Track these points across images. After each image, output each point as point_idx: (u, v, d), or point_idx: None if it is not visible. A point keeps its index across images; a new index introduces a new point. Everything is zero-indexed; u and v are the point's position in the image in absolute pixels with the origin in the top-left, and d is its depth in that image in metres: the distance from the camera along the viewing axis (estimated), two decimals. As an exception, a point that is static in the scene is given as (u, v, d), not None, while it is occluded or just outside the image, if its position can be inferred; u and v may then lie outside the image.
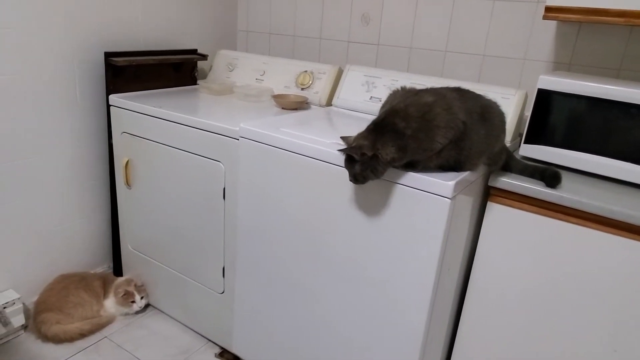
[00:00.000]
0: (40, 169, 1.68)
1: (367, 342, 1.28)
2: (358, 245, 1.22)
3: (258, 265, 1.46)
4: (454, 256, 1.22)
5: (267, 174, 1.35)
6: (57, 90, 1.66)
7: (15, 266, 1.70)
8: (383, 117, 1.03)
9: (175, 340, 1.75)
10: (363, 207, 1.18)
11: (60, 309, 1.71)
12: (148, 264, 1.83)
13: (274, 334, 1.49)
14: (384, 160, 1.00)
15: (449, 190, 1.04)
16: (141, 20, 1.85)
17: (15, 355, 1.60)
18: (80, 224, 1.88)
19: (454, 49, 1.73)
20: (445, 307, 1.29)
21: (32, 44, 1.55)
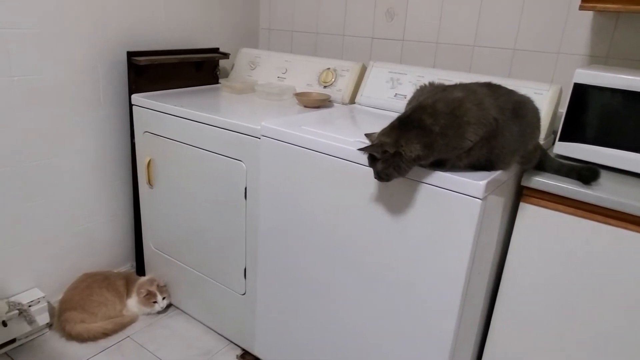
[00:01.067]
0: (64, 169, 1.70)
1: (394, 348, 1.24)
2: (384, 247, 1.18)
3: (280, 267, 1.43)
4: (485, 259, 1.16)
5: (289, 173, 1.31)
6: (81, 90, 1.67)
7: (40, 265, 1.72)
8: (409, 113, 0.98)
9: (197, 341, 1.73)
10: (389, 208, 1.14)
11: (83, 308, 1.71)
12: (170, 264, 1.82)
13: (297, 337, 1.46)
14: (408, 157, 0.95)
15: (480, 191, 0.99)
16: (164, 19, 1.85)
17: (40, 353, 1.61)
18: (104, 223, 1.89)
19: (482, 43, 1.67)
20: (475, 312, 1.24)
21: (56, 44, 1.56)
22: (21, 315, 1.59)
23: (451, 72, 1.56)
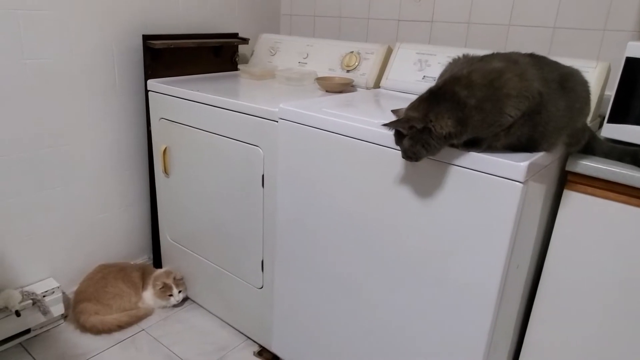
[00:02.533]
0: (78, 157, 1.65)
1: (422, 347, 1.14)
2: (412, 238, 1.07)
3: (299, 259, 1.35)
4: (524, 252, 1.05)
5: (308, 159, 1.23)
6: (96, 75, 1.62)
7: (55, 255, 1.68)
8: (440, 84, 0.88)
9: (213, 336, 1.67)
10: (417, 194, 1.04)
11: (98, 299, 1.67)
12: (187, 256, 1.76)
13: (316, 333, 1.37)
14: (438, 134, 0.85)
15: (522, 173, 0.88)
16: (181, 2, 1.79)
17: (54, 344, 1.57)
18: (120, 213, 1.84)
19: (518, 22, 1.54)
20: (513, 308, 1.12)
21: (70, 26, 1.52)
22: (35, 305, 1.55)
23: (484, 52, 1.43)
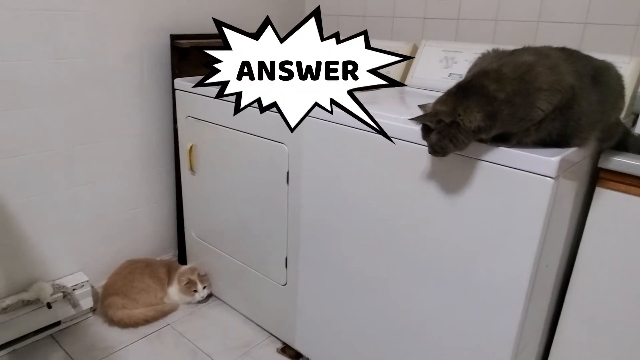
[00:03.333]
0: (108, 154, 1.69)
1: (446, 347, 1.12)
2: (438, 235, 1.06)
3: (323, 256, 1.35)
4: (554, 250, 1.02)
5: (333, 155, 1.23)
6: (125, 74, 1.66)
7: (85, 249, 1.72)
8: (469, 78, 0.87)
9: (237, 332, 1.68)
10: (444, 191, 1.03)
11: (125, 293, 1.70)
12: (211, 253, 1.78)
13: (340, 331, 1.37)
14: (467, 128, 0.84)
15: (553, 168, 0.86)
16: (207, 3, 1.81)
17: (83, 337, 1.61)
18: (148, 210, 1.88)
19: (548, 19, 1.51)
20: (541, 308, 1.10)
21: (102, 26, 1.56)
22: (65, 298, 1.60)
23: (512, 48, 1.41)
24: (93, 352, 1.54)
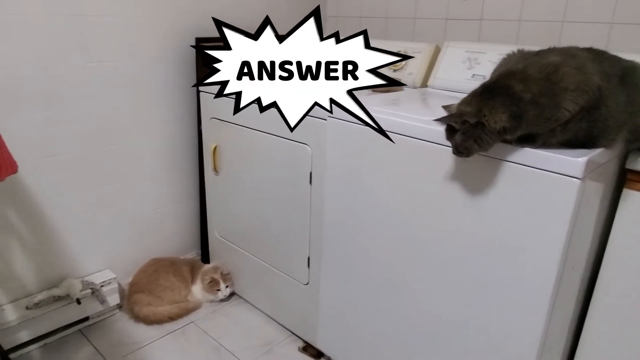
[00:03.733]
0: (135, 155, 1.74)
1: (468, 350, 1.12)
2: (462, 236, 1.06)
3: (345, 256, 1.36)
4: (580, 252, 1.02)
5: (356, 156, 1.24)
6: (152, 76, 1.70)
7: (112, 248, 1.77)
8: (495, 79, 0.87)
9: (259, 330, 1.70)
10: (468, 192, 1.03)
11: (151, 291, 1.74)
12: (234, 252, 1.81)
13: (361, 331, 1.38)
14: (492, 129, 0.84)
15: (580, 169, 0.85)
16: (232, 7, 1.85)
17: (110, 332, 1.66)
18: (172, 210, 1.92)
19: (573, 18, 1.50)
20: (567, 310, 1.09)
21: (129, 31, 1.60)
22: (94, 294, 1.64)
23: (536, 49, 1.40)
24: (120, 347, 1.58)
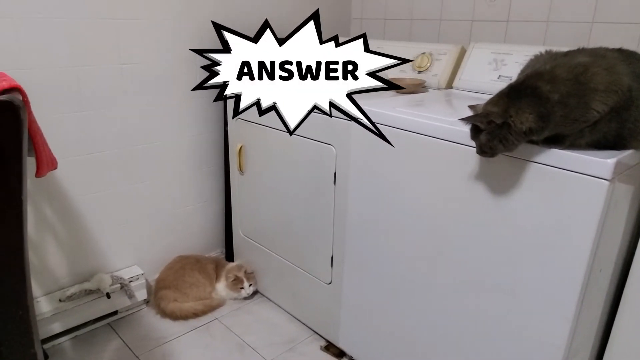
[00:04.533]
0: (163, 154, 1.78)
1: (493, 350, 1.11)
2: (488, 237, 1.06)
3: (368, 256, 1.37)
4: (608, 255, 1.00)
5: (380, 156, 1.25)
6: (181, 78, 1.74)
7: (140, 245, 1.82)
8: (522, 79, 0.87)
9: (282, 328, 1.72)
10: (493, 193, 1.03)
11: (177, 287, 1.78)
12: (258, 251, 1.84)
13: (384, 331, 1.39)
14: (518, 129, 0.84)
15: (608, 170, 0.85)
16: (257, 9, 1.88)
17: (137, 327, 1.70)
18: (198, 208, 1.96)
19: (602, 19, 1.47)
20: (595, 314, 1.07)
21: (156, 32, 1.65)
22: (122, 289, 1.69)
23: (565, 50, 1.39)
24: (147, 341, 1.63)
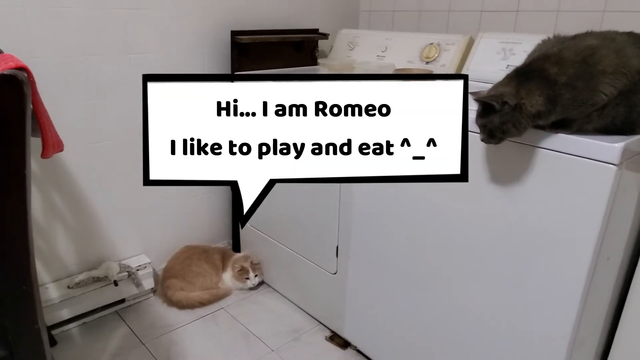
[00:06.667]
0: (172, 144, 1.79)
1: (499, 339, 1.10)
2: (493, 224, 1.05)
3: (374, 246, 1.36)
4: (616, 242, 0.99)
5: (386, 144, 1.24)
6: (189, 68, 1.75)
7: (148, 234, 1.84)
8: (529, 62, 0.86)
9: (287, 318, 1.73)
10: (497, 180, 1.02)
11: (184, 276, 1.80)
12: (264, 241, 1.84)
13: (389, 322, 1.38)
14: (529, 112, 0.82)
15: (616, 155, 0.83)
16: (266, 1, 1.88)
17: (144, 315, 1.72)
18: (205, 199, 1.97)
19: (614, 8, 1.45)
20: (602, 302, 1.06)
21: (167, 24, 1.66)
22: (130, 277, 1.71)
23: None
24: (154, 329, 1.64)
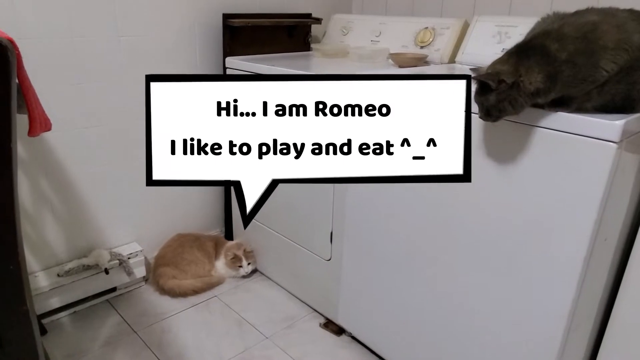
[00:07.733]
0: (163, 130, 1.76)
1: (493, 326, 1.10)
2: (488, 207, 1.04)
3: (368, 232, 1.35)
4: (614, 223, 0.98)
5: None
6: (179, 51, 1.71)
7: (140, 222, 1.81)
8: (529, 39, 0.84)
9: (280, 306, 1.71)
10: (495, 160, 1.00)
11: (176, 265, 1.77)
12: (257, 229, 1.82)
13: (384, 308, 1.37)
14: (527, 90, 0.81)
15: (616, 133, 0.82)
16: (258, -16, 1.85)
17: (136, 304, 1.70)
18: (198, 188, 1.94)
19: (610, -9, 1.44)
20: (598, 285, 1.05)
21: (158, 5, 1.61)
22: (121, 265, 1.68)
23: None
24: (146, 318, 1.62)
